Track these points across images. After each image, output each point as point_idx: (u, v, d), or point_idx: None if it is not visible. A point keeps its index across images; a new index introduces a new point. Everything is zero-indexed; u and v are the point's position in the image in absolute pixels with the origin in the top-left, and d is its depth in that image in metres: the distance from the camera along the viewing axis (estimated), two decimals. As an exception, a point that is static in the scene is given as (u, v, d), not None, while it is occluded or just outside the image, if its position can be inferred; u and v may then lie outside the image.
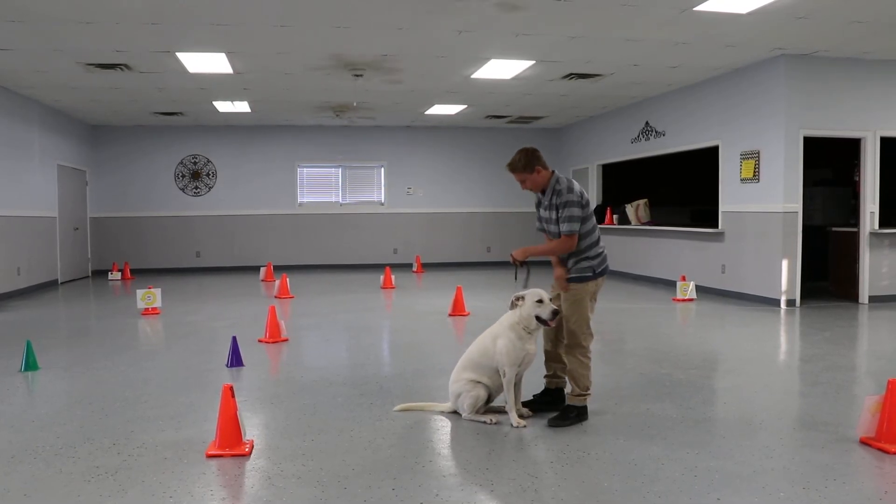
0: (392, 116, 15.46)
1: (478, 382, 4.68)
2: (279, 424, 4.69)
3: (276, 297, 11.34)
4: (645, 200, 13.81)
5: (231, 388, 4.07)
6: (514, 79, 11.19)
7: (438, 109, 14.41)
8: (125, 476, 3.75)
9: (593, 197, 15.68)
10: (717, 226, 11.23)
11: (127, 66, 10.02)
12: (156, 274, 15.64)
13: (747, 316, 9.27)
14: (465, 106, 14.01)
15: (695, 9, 7.52)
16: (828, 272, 11.11)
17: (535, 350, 4.69)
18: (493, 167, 17.50)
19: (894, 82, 10.10)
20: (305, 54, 9.56)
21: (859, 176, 10.30)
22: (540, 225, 5.00)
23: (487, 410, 4.74)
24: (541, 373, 5.06)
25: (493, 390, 4.71)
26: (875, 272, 10.27)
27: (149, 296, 9.63)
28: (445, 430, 4.54)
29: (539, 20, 8.00)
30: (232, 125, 16.32)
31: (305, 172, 16.98)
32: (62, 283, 13.85)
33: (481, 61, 10.08)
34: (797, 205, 9.84)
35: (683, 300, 10.60)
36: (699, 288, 11.16)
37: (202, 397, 5.33)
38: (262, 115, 15.02)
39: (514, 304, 4.64)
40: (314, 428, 4.57)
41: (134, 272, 15.60)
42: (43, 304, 10.93)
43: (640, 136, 13.58)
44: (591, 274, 4.74)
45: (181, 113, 14.44)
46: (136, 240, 16.26)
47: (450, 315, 9.37)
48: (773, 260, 9.99)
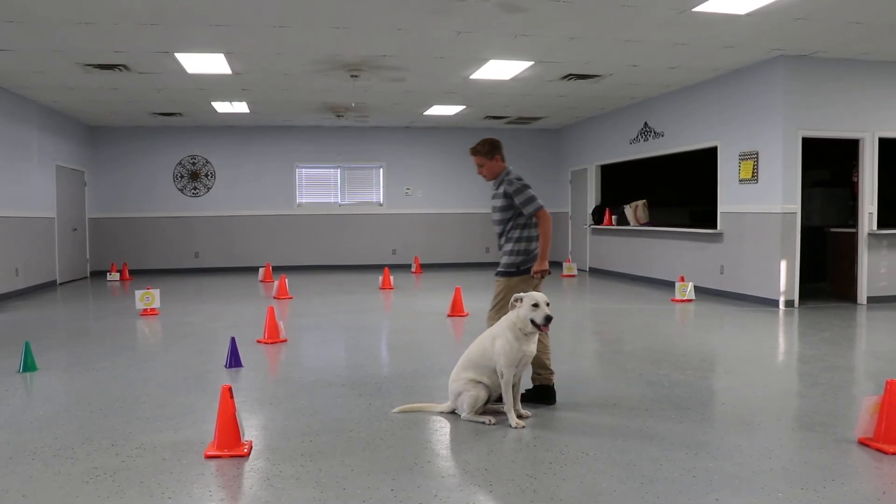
0: (391, 117, 15.46)
1: (478, 382, 4.69)
2: (278, 425, 4.69)
3: (275, 298, 11.34)
4: (644, 201, 13.83)
5: (230, 389, 4.07)
6: (513, 79, 11.19)
7: (437, 110, 14.42)
8: (124, 477, 3.75)
9: (592, 198, 15.71)
10: (716, 226, 11.25)
11: (125, 67, 10.02)
12: (154, 274, 15.65)
13: (746, 316, 9.28)
14: (464, 107, 14.02)
15: (693, 10, 7.53)
16: (826, 273, 11.12)
17: (534, 352, 4.69)
18: (492, 168, 17.54)
19: (893, 83, 10.12)
20: (304, 55, 9.57)
21: (857, 177, 10.32)
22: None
23: (486, 411, 4.74)
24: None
25: (493, 390, 4.72)
26: (873, 273, 10.29)
27: (147, 296, 9.63)
28: (444, 431, 4.54)
29: (538, 21, 8.00)
30: (231, 126, 16.32)
31: (304, 173, 16.99)
32: (61, 284, 13.84)
33: (480, 62, 10.08)
34: (796, 205, 9.86)
35: (682, 301, 10.61)
36: (698, 289, 11.18)
37: (201, 398, 5.33)
38: (261, 116, 15.03)
39: (513, 306, 4.65)
40: (313, 429, 4.57)
41: (132, 273, 15.61)
42: (41, 305, 10.93)
43: (639, 137, 13.59)
44: (515, 270, 5.04)
45: (180, 113, 14.44)
46: (135, 240, 16.26)
47: (448, 316, 9.37)
48: (772, 261, 10.00)
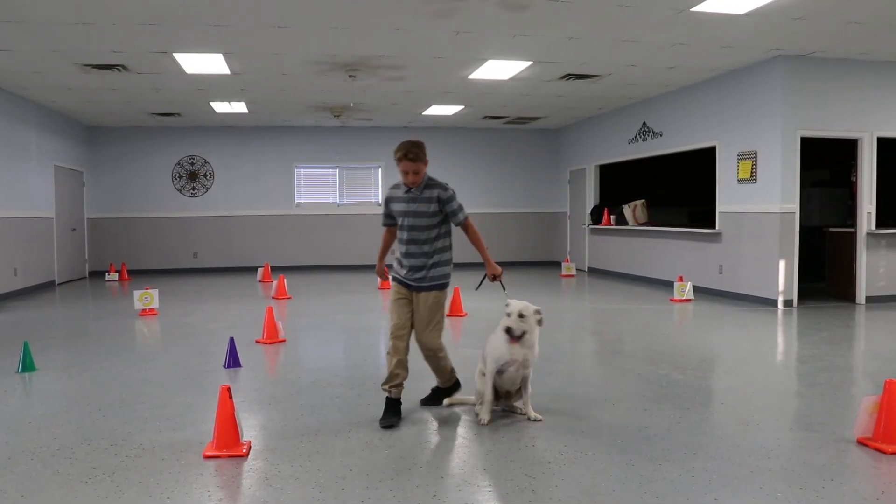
0: (389, 117, 15.45)
1: (483, 374, 4.83)
2: (277, 425, 4.69)
3: (274, 298, 11.33)
4: (642, 201, 13.84)
5: (228, 389, 4.07)
6: (512, 79, 11.19)
7: (436, 110, 14.41)
8: (122, 477, 3.75)
9: (591, 197, 15.71)
10: (715, 226, 11.25)
11: (124, 67, 10.02)
12: (153, 275, 15.64)
13: (744, 316, 9.28)
14: (463, 107, 14.01)
15: (692, 10, 7.53)
16: (825, 273, 11.12)
17: (522, 357, 4.62)
18: (491, 168, 17.57)
19: (891, 83, 10.13)
20: (303, 55, 9.56)
21: (856, 176, 10.33)
22: (391, 221, 4.93)
23: (507, 408, 4.91)
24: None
25: (501, 386, 4.76)
26: (872, 272, 10.29)
27: (146, 297, 9.62)
28: (443, 431, 4.54)
29: (537, 21, 8.00)
30: (229, 126, 16.31)
31: (303, 173, 16.98)
32: (59, 284, 13.83)
33: (479, 62, 10.08)
34: (794, 205, 9.86)
35: (681, 301, 10.61)
36: (696, 288, 11.18)
37: (200, 398, 5.33)
38: (260, 116, 15.02)
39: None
40: (312, 429, 4.57)
41: (131, 273, 15.60)
42: (40, 305, 10.92)
43: (638, 137, 13.59)
44: (447, 282, 4.94)
45: (178, 114, 14.43)
46: (134, 240, 16.25)
47: (447, 316, 9.36)
48: (771, 260, 10.00)
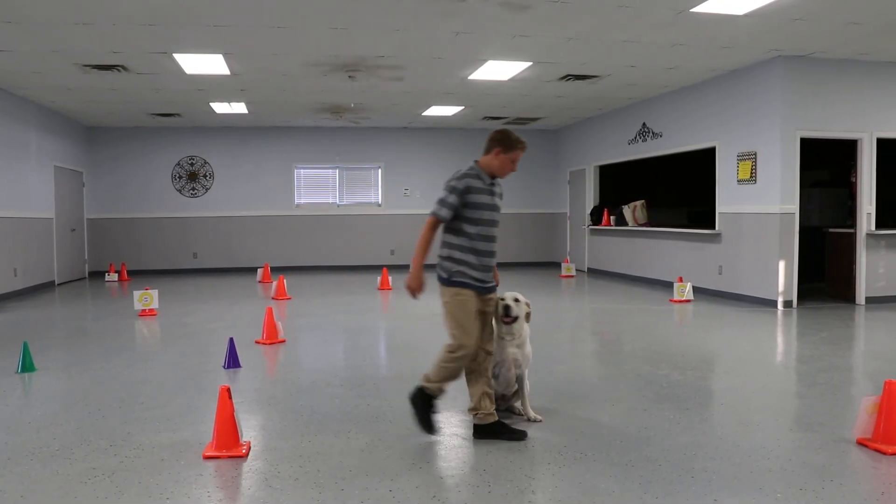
0: (389, 118, 15.45)
1: None
2: (276, 426, 4.69)
3: (274, 299, 11.33)
4: (642, 201, 13.84)
5: (228, 390, 4.07)
6: (512, 80, 11.19)
7: (436, 111, 14.41)
8: (122, 478, 3.74)
9: (591, 198, 15.70)
10: (714, 227, 11.24)
11: (123, 68, 10.02)
12: (153, 275, 15.63)
13: (744, 317, 9.28)
14: (463, 107, 14.01)
15: (691, 10, 7.53)
16: (824, 273, 11.12)
17: (513, 357, 4.64)
18: (491, 168, 17.51)
19: (891, 83, 10.13)
20: (303, 55, 9.56)
21: (856, 177, 10.33)
22: (455, 214, 4.24)
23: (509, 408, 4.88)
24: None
25: (498, 387, 4.72)
26: (872, 273, 10.29)
27: (146, 297, 9.62)
28: (443, 432, 4.53)
29: (537, 21, 8.00)
30: (229, 126, 16.31)
31: (302, 173, 16.97)
32: (59, 285, 13.83)
33: (479, 62, 10.08)
34: (794, 206, 9.86)
35: (680, 301, 10.61)
36: (696, 289, 11.17)
37: (199, 399, 5.32)
38: (260, 117, 15.02)
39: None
40: (311, 429, 4.57)
41: (131, 273, 15.59)
42: (40, 306, 10.91)
43: (638, 138, 13.59)
44: (446, 276, 4.31)
45: (178, 114, 14.43)
46: (133, 241, 16.25)
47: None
48: (770, 261, 10.00)
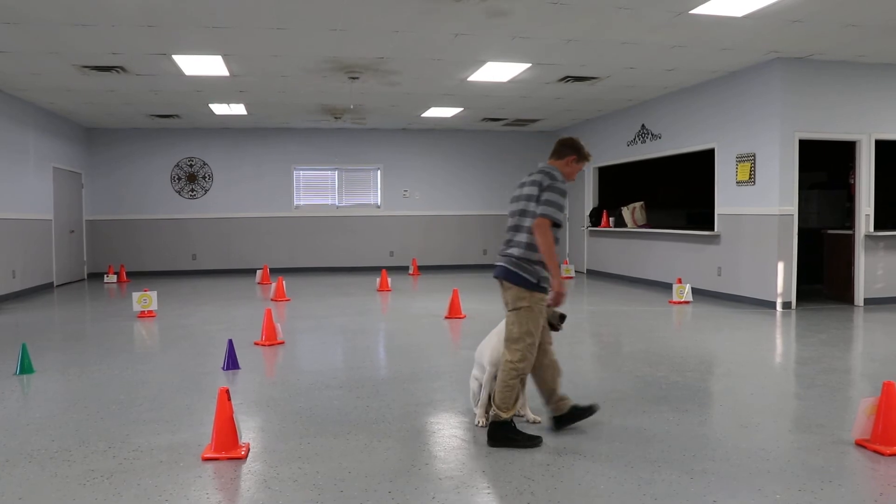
0: (388, 119, 15.46)
1: (476, 378, 4.81)
2: (275, 427, 4.68)
3: (273, 300, 11.33)
4: (641, 203, 13.84)
5: (227, 391, 4.07)
6: (511, 82, 11.19)
7: (435, 112, 14.41)
8: (120, 479, 3.74)
9: (590, 199, 15.71)
10: (713, 228, 11.25)
11: (122, 69, 10.01)
12: (152, 277, 15.63)
13: (743, 318, 9.29)
14: (462, 109, 14.02)
15: (690, 12, 7.53)
16: (823, 275, 11.13)
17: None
18: (489, 170, 17.56)
19: (889, 85, 10.14)
20: (302, 57, 9.56)
21: (854, 178, 10.34)
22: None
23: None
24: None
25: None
26: (870, 274, 10.30)
27: (144, 298, 9.62)
28: (442, 434, 4.53)
29: (535, 23, 8.01)
30: (228, 128, 16.31)
31: (301, 175, 16.98)
32: (57, 286, 13.82)
33: (477, 64, 10.08)
34: (793, 207, 9.87)
35: (679, 303, 10.62)
36: (695, 290, 11.18)
37: (198, 400, 5.32)
38: (259, 118, 15.02)
39: None
40: (310, 431, 4.57)
41: (130, 275, 15.58)
42: (38, 307, 10.90)
43: (637, 139, 13.60)
44: (534, 280, 4.24)
45: (177, 115, 14.43)
46: (132, 242, 16.24)
47: (446, 318, 9.36)
48: (769, 262, 10.01)
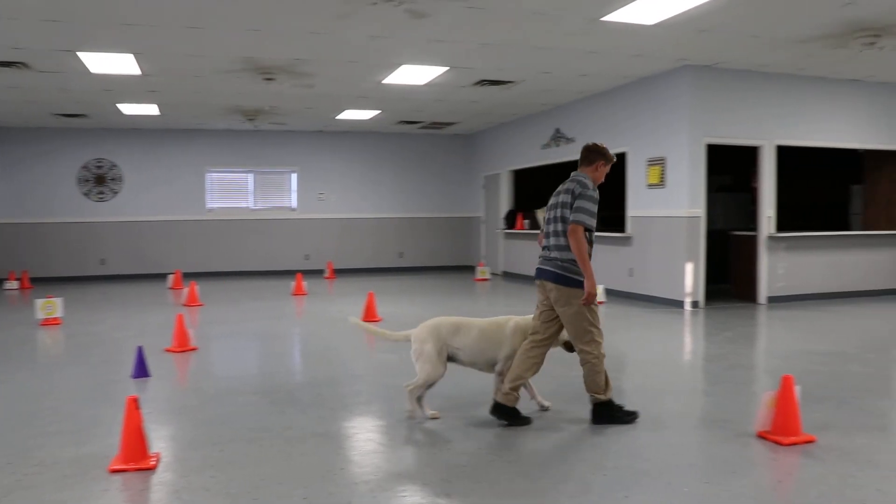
0: (304, 121, 15.28)
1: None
2: (187, 435, 4.57)
3: (185, 306, 11.04)
4: (556, 206, 14.04)
5: (136, 400, 3.94)
6: (427, 85, 11.22)
7: (350, 114, 14.32)
8: (19, 497, 3.57)
9: (505, 202, 15.89)
10: (625, 230, 11.54)
11: (24, 65, 9.59)
12: (58, 282, 14.98)
13: (654, 318, 9.56)
14: (378, 111, 13.97)
15: (602, 19, 7.70)
16: (729, 275, 11.55)
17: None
18: (406, 172, 17.56)
19: (789, 94, 10.60)
20: (216, 57, 9.35)
21: (757, 182, 10.77)
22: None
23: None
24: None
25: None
26: (772, 274, 10.74)
27: (49, 305, 9.23)
28: (357, 438, 4.51)
29: (451, 27, 8.05)
30: (139, 128, 15.80)
31: (215, 177, 16.59)
32: (-47, 293, 13.12)
33: (393, 67, 10.06)
34: (701, 210, 10.20)
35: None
36: (608, 291, 11.41)
37: (106, 410, 5.13)
38: (171, 119, 14.61)
39: None
40: (223, 438, 4.47)
41: (34, 281, 14.89)
42: (-69, 316, 10.33)
43: (551, 143, 13.83)
44: (580, 279, 5.08)
45: (85, 115, 13.90)
46: (37, 247, 15.53)
47: (362, 321, 9.29)
48: (678, 263, 10.32)
